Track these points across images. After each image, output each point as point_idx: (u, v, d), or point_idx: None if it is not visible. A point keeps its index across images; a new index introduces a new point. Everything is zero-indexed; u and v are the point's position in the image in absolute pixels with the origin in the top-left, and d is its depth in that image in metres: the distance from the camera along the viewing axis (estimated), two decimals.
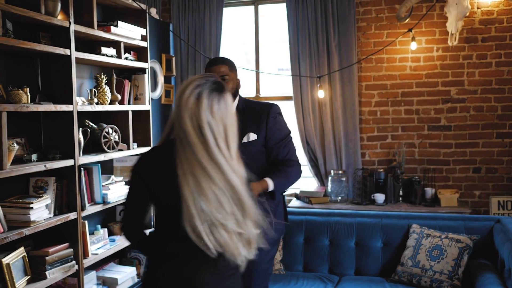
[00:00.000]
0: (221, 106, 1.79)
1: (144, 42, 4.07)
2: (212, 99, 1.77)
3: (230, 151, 1.76)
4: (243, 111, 2.62)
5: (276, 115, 2.64)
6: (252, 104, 2.69)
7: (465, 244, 3.17)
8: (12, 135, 2.90)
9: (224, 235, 1.71)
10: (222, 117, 1.77)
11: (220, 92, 1.81)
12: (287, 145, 2.64)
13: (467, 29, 4.65)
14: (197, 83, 1.80)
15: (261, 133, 2.59)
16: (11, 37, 2.70)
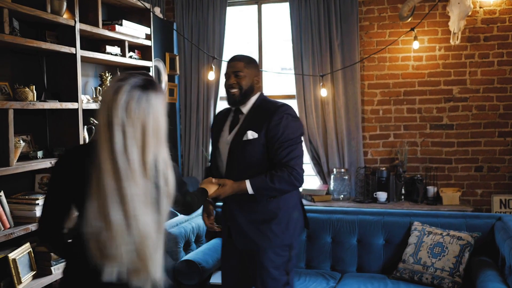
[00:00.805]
0: (142, 105, 1.58)
1: (148, 41, 4.11)
2: (132, 96, 1.58)
3: (144, 161, 1.56)
4: (254, 109, 2.57)
5: (284, 115, 2.49)
6: (266, 103, 2.60)
7: (466, 241, 3.19)
8: (19, 132, 2.94)
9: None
10: (142, 118, 1.57)
11: (144, 89, 1.61)
12: (287, 149, 2.47)
13: (469, 28, 4.67)
14: (122, 77, 1.64)
15: (262, 131, 2.49)
16: (18, 36, 2.74)
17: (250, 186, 2.44)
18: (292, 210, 2.59)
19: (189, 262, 3.32)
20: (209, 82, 5.12)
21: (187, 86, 5.29)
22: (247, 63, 2.59)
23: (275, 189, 2.44)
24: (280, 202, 2.54)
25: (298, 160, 2.50)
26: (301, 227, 2.67)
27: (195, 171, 5.28)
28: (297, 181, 2.48)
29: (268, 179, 2.43)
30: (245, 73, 2.56)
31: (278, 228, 2.52)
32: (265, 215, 2.53)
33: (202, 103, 5.23)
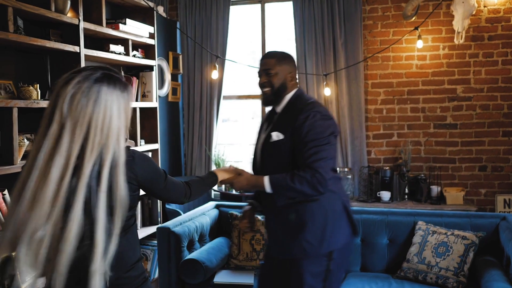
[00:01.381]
0: (91, 100, 1.48)
1: (152, 40, 4.11)
2: (79, 88, 1.48)
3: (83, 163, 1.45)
4: (287, 108, 2.42)
5: (311, 113, 2.30)
6: (298, 101, 2.42)
7: (471, 241, 3.18)
8: (23, 131, 2.93)
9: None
10: (89, 115, 1.47)
11: (97, 82, 1.51)
12: (312, 149, 2.25)
13: (473, 27, 4.66)
14: (77, 69, 1.56)
15: (289, 132, 2.33)
16: (22, 34, 2.74)
17: (269, 182, 2.27)
18: (331, 217, 2.34)
19: (193, 261, 3.32)
20: (213, 81, 5.12)
21: (190, 85, 5.29)
22: (279, 59, 2.42)
23: (295, 190, 2.23)
24: (315, 208, 2.32)
25: (323, 162, 2.25)
26: (345, 235, 2.39)
27: (198, 170, 5.28)
28: (320, 185, 2.23)
29: (288, 178, 2.24)
30: (277, 70, 2.39)
31: (313, 237, 2.30)
32: (298, 223, 2.33)
33: (205, 102, 5.22)
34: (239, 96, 5.47)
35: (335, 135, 2.34)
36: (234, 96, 5.46)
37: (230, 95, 5.43)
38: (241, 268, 3.59)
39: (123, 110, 1.57)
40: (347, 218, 2.41)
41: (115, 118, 1.53)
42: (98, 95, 1.50)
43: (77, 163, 1.45)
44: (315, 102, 2.40)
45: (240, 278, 3.42)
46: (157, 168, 1.77)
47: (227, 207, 4.01)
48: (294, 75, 2.45)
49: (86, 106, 1.48)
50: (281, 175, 2.26)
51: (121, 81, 1.60)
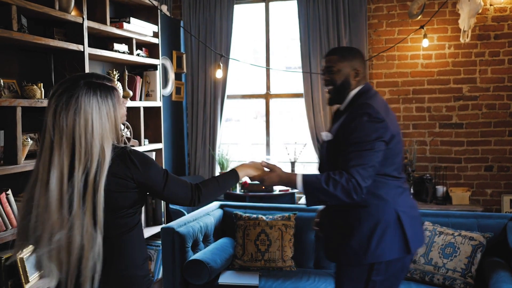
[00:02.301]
0: (71, 112, 1.57)
1: (156, 39, 4.08)
2: (60, 101, 1.58)
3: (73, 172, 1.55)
4: (348, 107, 2.26)
5: (359, 114, 2.12)
6: (357, 99, 2.25)
7: (478, 241, 3.14)
8: (26, 131, 2.92)
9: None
10: (72, 125, 1.57)
11: (76, 92, 1.58)
12: (353, 153, 2.09)
13: (479, 26, 4.62)
14: (63, 80, 1.66)
15: (335, 134, 2.21)
16: (26, 33, 2.72)
17: (301, 181, 2.14)
18: (380, 226, 2.15)
19: (197, 262, 3.29)
20: (216, 80, 5.09)
21: (194, 84, 5.27)
22: (342, 55, 2.27)
23: (328, 193, 2.08)
24: (362, 215, 2.17)
25: (362, 169, 2.07)
26: (395, 249, 2.16)
27: (201, 170, 5.26)
28: (354, 192, 2.06)
29: (323, 179, 2.09)
30: (339, 67, 2.25)
31: (359, 245, 2.15)
32: (345, 227, 2.21)
33: (209, 101, 5.20)
34: (243, 95, 5.44)
35: (383, 140, 2.11)
36: (238, 95, 5.43)
37: (233, 94, 5.41)
38: (246, 269, 3.56)
39: (105, 115, 1.63)
40: (400, 231, 2.16)
41: (97, 125, 1.60)
42: (77, 105, 1.58)
43: (70, 172, 1.56)
44: (370, 102, 2.17)
45: (245, 279, 3.39)
46: (155, 167, 1.75)
47: (231, 207, 3.99)
48: (359, 71, 2.27)
49: (67, 118, 1.57)
50: (316, 176, 2.14)
51: (102, 86, 1.65)
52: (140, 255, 1.76)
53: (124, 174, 1.65)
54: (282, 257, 3.56)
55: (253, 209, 3.91)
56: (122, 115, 1.76)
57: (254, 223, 3.64)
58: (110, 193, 1.62)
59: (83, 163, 1.57)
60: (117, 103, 1.69)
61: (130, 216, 1.72)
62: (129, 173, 1.66)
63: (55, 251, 1.56)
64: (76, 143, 1.57)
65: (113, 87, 1.71)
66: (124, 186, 1.66)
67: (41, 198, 1.56)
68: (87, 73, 1.72)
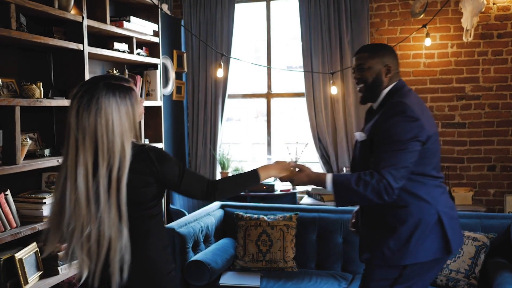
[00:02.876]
0: (92, 112, 1.66)
1: (156, 38, 4.05)
2: (81, 102, 1.68)
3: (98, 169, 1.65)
4: (382, 105, 2.21)
5: (393, 113, 2.08)
6: (391, 97, 2.20)
7: (482, 242, 3.11)
8: (25, 130, 2.89)
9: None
10: (94, 126, 1.66)
11: (96, 94, 1.68)
12: (385, 153, 2.05)
13: (482, 25, 4.59)
14: (83, 82, 1.76)
15: (369, 133, 2.16)
16: (25, 32, 2.69)
17: (331, 181, 2.10)
18: (420, 227, 2.11)
19: (198, 263, 3.26)
20: (217, 80, 5.06)
21: (195, 83, 5.24)
22: (372, 52, 2.23)
23: (358, 194, 2.03)
24: (402, 215, 2.12)
25: (394, 169, 2.02)
26: (433, 250, 2.12)
27: (202, 170, 5.23)
28: (385, 194, 2.01)
29: (353, 180, 2.04)
30: (370, 64, 2.20)
31: (395, 245, 2.12)
32: (384, 228, 2.16)
33: (210, 101, 5.17)
34: (244, 95, 5.41)
35: (418, 140, 2.05)
36: (239, 95, 5.40)
37: (234, 93, 5.38)
38: (247, 270, 3.54)
39: (124, 114, 1.72)
40: (441, 232, 2.12)
41: (117, 124, 1.69)
42: (98, 106, 1.67)
43: (95, 169, 1.65)
44: (405, 100, 2.12)
45: (246, 280, 3.37)
46: (172, 163, 1.83)
47: (232, 207, 3.96)
48: (391, 67, 2.22)
49: (89, 118, 1.66)
50: (346, 176, 2.10)
51: (121, 87, 1.74)
52: (160, 242, 1.85)
53: (143, 170, 1.74)
54: (284, 258, 3.53)
55: (254, 209, 3.88)
56: (140, 113, 1.86)
57: (256, 224, 3.61)
58: (132, 189, 1.71)
59: (106, 160, 1.66)
60: (135, 103, 1.77)
61: (152, 207, 1.82)
62: (148, 169, 1.75)
63: (86, 243, 1.66)
64: (98, 141, 1.66)
65: (131, 87, 1.79)
66: (144, 181, 1.75)
67: (71, 194, 1.66)
68: (106, 74, 1.84)
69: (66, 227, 1.68)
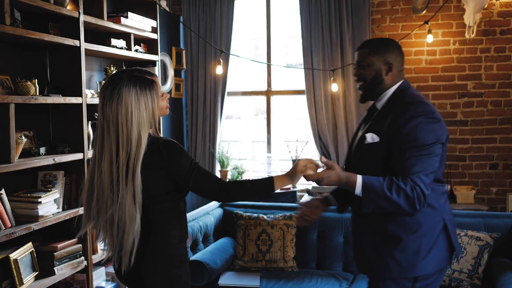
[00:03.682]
0: (114, 102, 1.80)
1: (155, 34, 4.00)
2: (106, 93, 1.83)
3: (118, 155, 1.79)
4: (389, 105, 2.08)
5: (415, 113, 1.96)
6: (402, 97, 2.07)
7: (485, 242, 3.07)
8: (20, 128, 2.84)
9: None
10: (115, 114, 1.80)
11: (118, 85, 1.81)
12: (411, 159, 1.91)
13: (485, 22, 4.53)
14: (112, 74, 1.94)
15: (385, 135, 2.00)
16: (19, 27, 2.63)
17: (361, 183, 1.92)
18: (427, 236, 2.00)
19: (197, 263, 3.22)
20: (217, 77, 5.01)
21: (194, 81, 5.18)
22: (374, 48, 2.10)
23: (390, 200, 1.89)
24: (410, 223, 2.00)
25: (424, 175, 1.91)
26: (440, 259, 2.03)
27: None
28: (418, 202, 1.89)
29: (386, 184, 1.89)
30: (370, 61, 2.08)
31: (403, 257, 1.98)
32: (387, 237, 2.02)
33: (209, 98, 5.12)
34: (244, 92, 5.36)
35: (441, 142, 1.97)
36: (239, 92, 5.35)
37: (234, 91, 5.33)
38: (246, 270, 3.49)
39: (143, 105, 1.82)
40: (446, 240, 2.05)
41: (136, 113, 1.80)
42: (119, 96, 1.80)
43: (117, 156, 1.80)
44: (421, 100, 2.02)
45: (246, 280, 3.32)
46: (183, 159, 1.88)
47: (231, 206, 3.91)
48: (393, 66, 2.09)
49: (111, 108, 1.80)
50: (378, 179, 1.92)
51: (142, 79, 1.85)
52: (174, 235, 1.91)
53: (153, 162, 1.83)
54: (284, 258, 3.48)
55: (254, 208, 3.83)
56: (162, 107, 1.94)
57: (255, 223, 3.56)
58: (145, 180, 1.81)
59: (125, 148, 1.79)
60: (155, 95, 1.87)
61: (168, 201, 1.89)
62: (157, 162, 1.84)
63: (108, 225, 1.82)
64: (119, 129, 1.79)
65: (153, 80, 1.89)
66: (155, 174, 1.84)
67: (98, 177, 1.82)
68: (132, 68, 1.91)
69: (94, 207, 1.84)
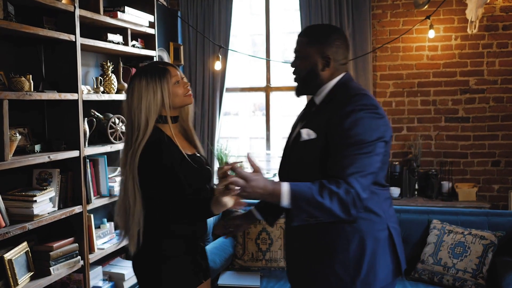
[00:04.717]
0: (129, 94, 1.95)
1: (152, 29, 3.93)
2: (127, 88, 2.00)
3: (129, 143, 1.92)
4: (328, 99, 1.87)
5: (355, 107, 1.73)
6: (343, 91, 1.84)
7: (489, 241, 3.02)
8: (15, 125, 2.77)
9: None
10: (129, 104, 1.95)
11: (134, 77, 1.96)
12: (350, 157, 1.67)
13: (487, 17, 4.47)
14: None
15: (323, 131, 1.77)
16: (13, 21, 2.56)
17: (289, 191, 1.64)
18: (370, 247, 1.77)
19: None
20: (215, 73, 4.94)
21: (192, 76, 5.11)
22: (313, 38, 1.86)
23: (322, 207, 1.62)
24: (350, 233, 1.77)
25: (361, 176, 1.66)
26: (387, 273, 1.80)
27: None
28: (353, 207, 1.64)
29: (315, 189, 1.63)
30: (307, 52, 1.85)
31: (344, 271, 1.77)
32: (325, 248, 1.80)
33: (207, 94, 5.05)
34: (242, 88, 5.29)
35: (384, 140, 1.74)
36: (237, 88, 5.28)
37: (232, 87, 5.26)
38: (246, 269, 3.43)
39: (152, 92, 1.91)
40: (392, 251, 1.82)
41: (144, 101, 1.90)
42: (133, 87, 1.93)
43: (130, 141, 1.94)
44: (364, 93, 1.80)
45: (245, 279, 3.26)
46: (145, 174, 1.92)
47: None
48: (334, 59, 1.84)
49: (127, 98, 1.96)
50: (306, 185, 1.65)
51: (154, 68, 1.96)
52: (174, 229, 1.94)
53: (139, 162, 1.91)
54: (284, 257, 3.42)
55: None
56: (176, 94, 1.96)
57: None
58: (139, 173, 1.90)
59: (135, 133, 1.90)
60: (165, 82, 1.93)
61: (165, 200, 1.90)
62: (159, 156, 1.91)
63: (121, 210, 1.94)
64: (132, 116, 1.92)
65: (165, 68, 1.96)
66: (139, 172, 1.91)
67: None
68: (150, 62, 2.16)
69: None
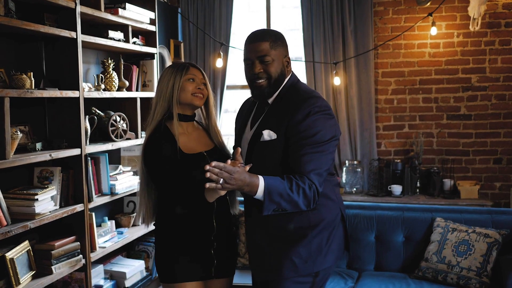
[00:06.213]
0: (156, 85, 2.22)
1: (153, 26, 3.90)
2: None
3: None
4: (281, 99, 2.00)
5: (311, 110, 1.88)
6: (296, 92, 1.99)
7: (494, 239, 3.00)
8: (16, 123, 2.75)
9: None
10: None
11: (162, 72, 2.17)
12: (307, 156, 1.85)
13: (489, 14, 4.45)
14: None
15: (282, 130, 1.91)
16: (14, 18, 2.53)
17: (264, 186, 1.76)
18: (328, 228, 1.98)
19: None
20: (216, 70, 4.91)
21: None
22: (274, 41, 1.97)
23: (291, 200, 1.80)
24: (312, 218, 1.94)
25: (318, 174, 1.86)
26: (339, 250, 2.05)
27: None
28: (313, 201, 1.85)
29: (287, 183, 1.80)
30: (273, 56, 1.95)
31: (307, 252, 1.94)
32: (290, 235, 1.95)
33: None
34: (243, 86, 5.26)
35: (336, 139, 1.94)
36: (238, 86, 5.25)
37: (233, 84, 5.23)
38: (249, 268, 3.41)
39: (166, 80, 2.10)
40: (343, 230, 2.07)
41: (158, 88, 2.14)
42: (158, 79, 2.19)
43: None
44: (317, 97, 1.95)
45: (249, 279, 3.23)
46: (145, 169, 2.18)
47: None
48: (288, 59, 2.03)
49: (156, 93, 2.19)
50: (278, 179, 1.81)
51: (177, 63, 2.15)
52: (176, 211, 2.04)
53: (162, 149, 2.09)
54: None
55: None
56: (184, 88, 2.10)
57: None
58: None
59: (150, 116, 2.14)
60: (178, 75, 2.09)
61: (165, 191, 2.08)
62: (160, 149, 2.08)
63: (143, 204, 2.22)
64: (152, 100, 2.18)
65: (185, 64, 2.15)
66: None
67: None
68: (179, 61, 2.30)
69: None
